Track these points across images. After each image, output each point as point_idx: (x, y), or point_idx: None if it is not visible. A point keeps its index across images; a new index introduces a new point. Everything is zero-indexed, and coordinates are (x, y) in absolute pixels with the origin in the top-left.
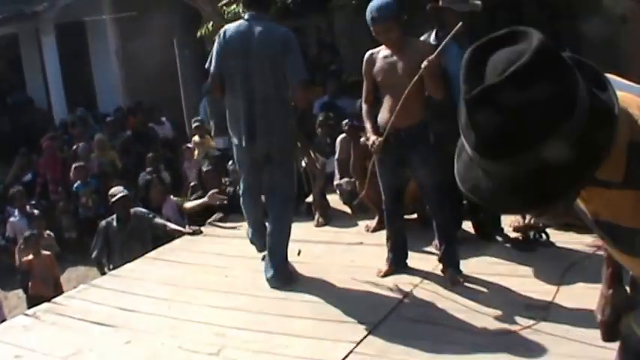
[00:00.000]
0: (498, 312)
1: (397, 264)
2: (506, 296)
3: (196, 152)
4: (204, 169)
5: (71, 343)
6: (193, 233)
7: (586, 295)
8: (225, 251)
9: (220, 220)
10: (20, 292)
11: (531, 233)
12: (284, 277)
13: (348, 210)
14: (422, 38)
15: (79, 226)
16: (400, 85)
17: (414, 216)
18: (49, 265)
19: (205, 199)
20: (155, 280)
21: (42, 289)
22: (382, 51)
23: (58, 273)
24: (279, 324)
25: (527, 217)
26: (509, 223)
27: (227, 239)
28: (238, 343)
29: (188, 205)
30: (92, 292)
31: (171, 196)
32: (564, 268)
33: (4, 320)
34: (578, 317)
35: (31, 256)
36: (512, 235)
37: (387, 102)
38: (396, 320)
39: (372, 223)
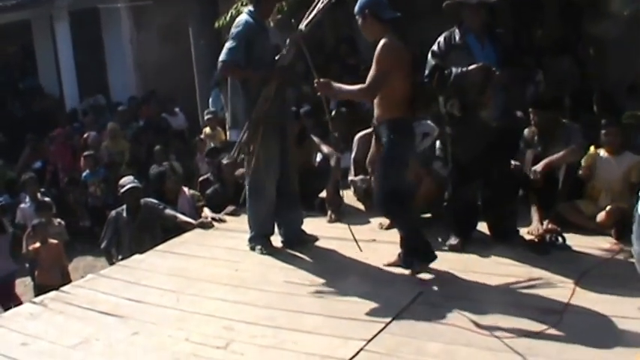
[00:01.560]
0: (512, 315)
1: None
2: (519, 299)
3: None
4: (224, 161)
5: (78, 332)
6: (204, 226)
7: (601, 301)
8: (236, 245)
9: (232, 213)
10: (28, 279)
11: (547, 236)
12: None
13: (361, 207)
14: (444, 35)
15: (90, 215)
16: None
17: (428, 215)
18: (57, 254)
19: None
20: (164, 272)
21: (49, 278)
22: None
23: (66, 262)
24: (289, 319)
25: (545, 221)
26: (525, 225)
27: (238, 233)
28: (246, 337)
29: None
30: (100, 282)
31: (186, 189)
32: (580, 272)
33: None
34: (592, 322)
35: (38, 244)
36: (528, 237)
37: None
38: (408, 319)
39: (386, 220)
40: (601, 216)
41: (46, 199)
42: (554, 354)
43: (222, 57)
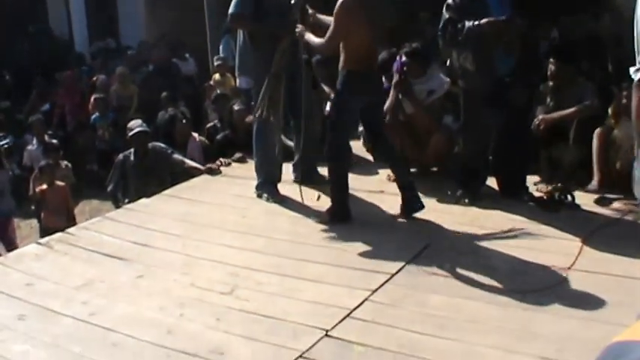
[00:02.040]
0: (518, 271)
1: None
2: (527, 255)
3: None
4: (236, 107)
5: (82, 273)
6: (212, 172)
7: (608, 260)
8: (244, 192)
9: (240, 160)
10: (34, 221)
11: (556, 194)
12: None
13: (370, 157)
14: None
15: (97, 159)
16: None
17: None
18: (63, 196)
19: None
20: (170, 217)
21: (55, 220)
22: None
23: (72, 204)
24: (295, 268)
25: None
26: (534, 182)
27: (246, 180)
28: (252, 284)
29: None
30: (106, 225)
31: (196, 135)
32: (588, 231)
33: (16, 248)
34: (599, 281)
35: (45, 186)
36: (537, 194)
37: None
38: (414, 271)
39: None
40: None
41: (54, 141)
42: (560, 311)
43: (231, 9)
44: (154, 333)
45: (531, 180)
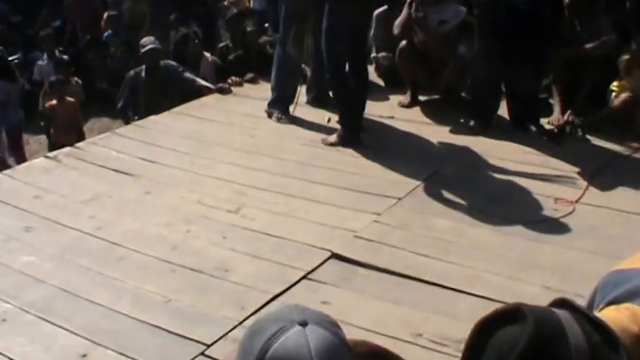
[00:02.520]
0: (525, 201)
1: None
2: (534, 186)
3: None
4: (249, 29)
5: (90, 188)
6: (223, 91)
7: (615, 196)
8: (254, 112)
9: (251, 80)
10: (42, 137)
11: (567, 128)
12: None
13: (382, 83)
14: None
15: (107, 76)
16: None
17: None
18: (73, 112)
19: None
20: (180, 134)
21: (64, 136)
22: None
23: (82, 121)
24: (301, 189)
25: (566, 113)
26: (546, 115)
27: (256, 101)
28: (258, 203)
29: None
30: (115, 141)
31: (208, 55)
32: (597, 166)
33: (24, 162)
34: (604, 216)
35: (54, 102)
36: (548, 127)
37: None
38: (421, 196)
39: (405, 98)
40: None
41: (64, 57)
42: (564, 242)
43: None
44: (159, 248)
45: (543, 113)
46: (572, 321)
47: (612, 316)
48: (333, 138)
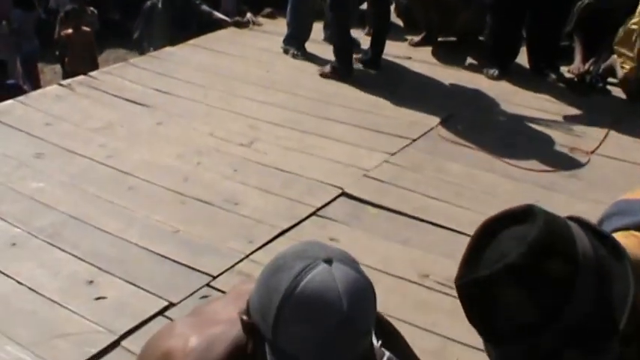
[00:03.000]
0: (539, 149)
1: None
2: (550, 135)
3: None
4: None
5: (102, 117)
6: (239, 25)
7: (632, 148)
8: (270, 47)
9: (269, 15)
10: (57, 67)
11: (588, 77)
12: None
13: (400, 23)
14: None
15: (122, 7)
16: None
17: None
18: (88, 42)
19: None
20: (195, 67)
21: (79, 65)
22: None
23: (96, 51)
24: (315, 125)
25: (587, 62)
26: (566, 63)
27: (273, 36)
28: (271, 138)
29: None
30: (129, 71)
31: None
32: (615, 117)
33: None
34: (620, 168)
35: (70, 31)
36: (568, 75)
37: None
38: (435, 138)
39: (417, 38)
40: None
41: None
42: (577, 192)
43: None
44: (170, 179)
45: (563, 61)
46: (581, 231)
47: (619, 241)
48: (327, 69)
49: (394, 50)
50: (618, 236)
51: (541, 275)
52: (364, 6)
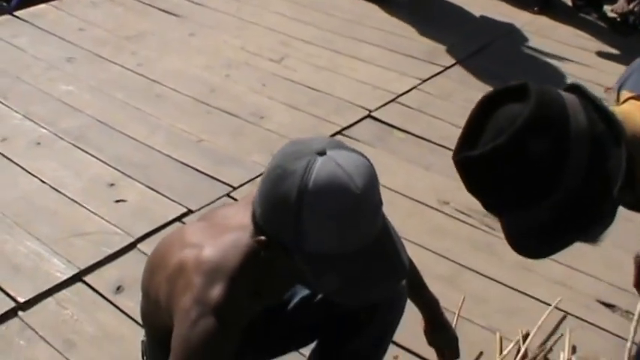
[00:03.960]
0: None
1: None
2: (585, 73)
3: None
4: None
5: (135, 25)
6: None
7: None
8: None
9: None
10: None
11: (631, 18)
12: None
13: None
14: None
15: None
16: None
17: None
18: None
19: None
20: None
21: None
22: None
23: None
24: (348, 46)
25: (632, 2)
26: (610, 2)
27: None
28: (302, 55)
29: None
30: None
31: None
32: None
33: None
34: None
35: None
36: (611, 15)
37: None
38: (468, 68)
39: None
40: None
41: None
42: None
43: None
44: (197, 89)
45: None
46: (579, 107)
47: (627, 110)
48: None
49: None
50: (630, 104)
51: (529, 155)
52: None
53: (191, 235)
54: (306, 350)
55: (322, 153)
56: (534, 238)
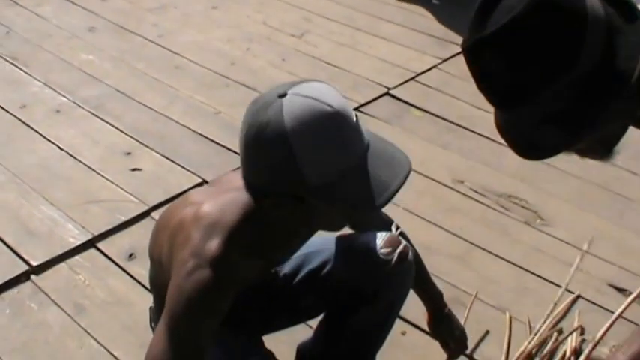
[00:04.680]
0: None
1: None
2: None
3: None
4: None
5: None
6: None
7: None
8: None
9: None
10: None
11: None
12: None
13: None
14: None
15: None
16: None
17: None
18: None
19: None
20: None
21: None
22: None
23: None
24: (369, 24)
25: None
26: None
27: None
28: (323, 32)
29: None
30: None
31: None
32: None
33: None
34: None
35: None
36: None
37: None
38: None
39: None
40: None
41: None
42: None
43: None
44: (217, 62)
45: None
46: None
47: None
48: None
49: None
50: None
51: (547, 29)
52: None
53: (194, 196)
54: (314, 322)
55: (283, 94)
56: (549, 127)
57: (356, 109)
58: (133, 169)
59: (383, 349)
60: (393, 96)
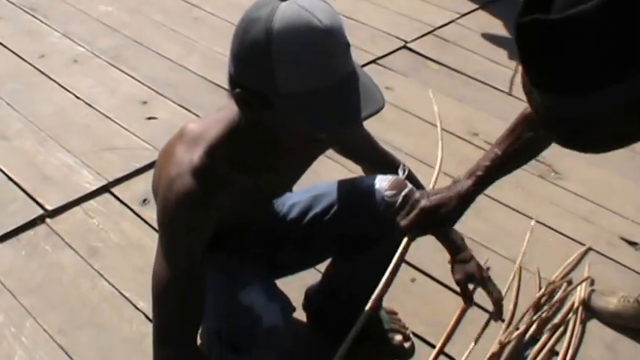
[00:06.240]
0: None
1: None
2: None
3: None
4: None
5: None
6: None
7: None
8: None
9: None
10: None
11: None
12: None
13: None
14: None
15: None
16: None
17: None
18: None
19: None
20: None
21: None
22: None
23: None
24: None
25: None
26: None
27: None
28: None
29: None
30: None
31: None
32: None
33: None
34: None
35: None
36: None
37: None
38: (508, 5)
39: None
40: None
41: None
42: None
43: None
44: (235, 14)
45: None
46: None
47: None
48: None
49: None
50: None
51: (616, 24)
52: None
53: (188, 124)
54: (322, 267)
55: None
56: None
57: (373, 61)
58: (149, 118)
59: (393, 296)
60: (410, 49)
